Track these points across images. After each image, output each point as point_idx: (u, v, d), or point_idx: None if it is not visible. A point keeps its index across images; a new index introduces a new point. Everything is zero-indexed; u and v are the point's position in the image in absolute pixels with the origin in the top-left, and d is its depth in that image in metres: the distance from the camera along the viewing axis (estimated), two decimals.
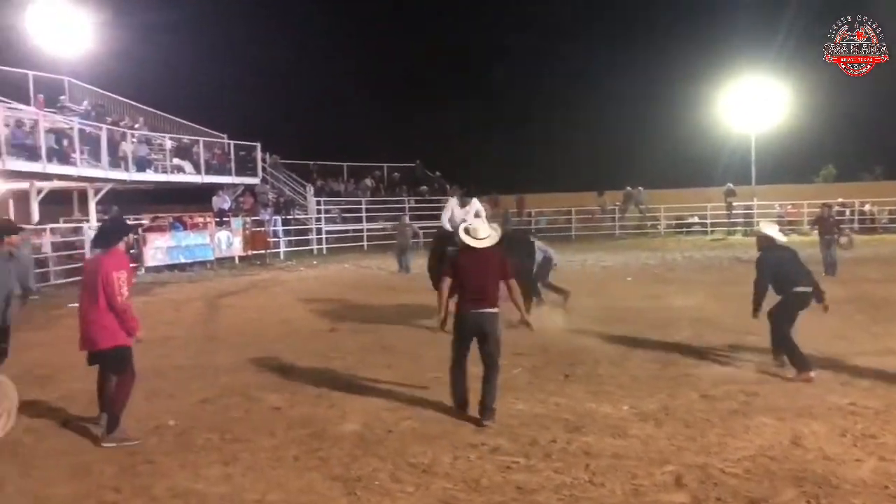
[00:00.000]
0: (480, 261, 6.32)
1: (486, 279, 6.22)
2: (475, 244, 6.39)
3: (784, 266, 7.60)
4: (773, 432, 5.54)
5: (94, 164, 19.43)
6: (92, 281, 5.74)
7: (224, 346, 9.53)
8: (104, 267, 5.72)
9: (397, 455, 5.27)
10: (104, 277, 5.66)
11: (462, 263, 6.36)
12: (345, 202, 28.56)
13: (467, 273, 6.26)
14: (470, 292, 6.18)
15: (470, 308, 6.16)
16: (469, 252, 6.42)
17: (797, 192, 30.87)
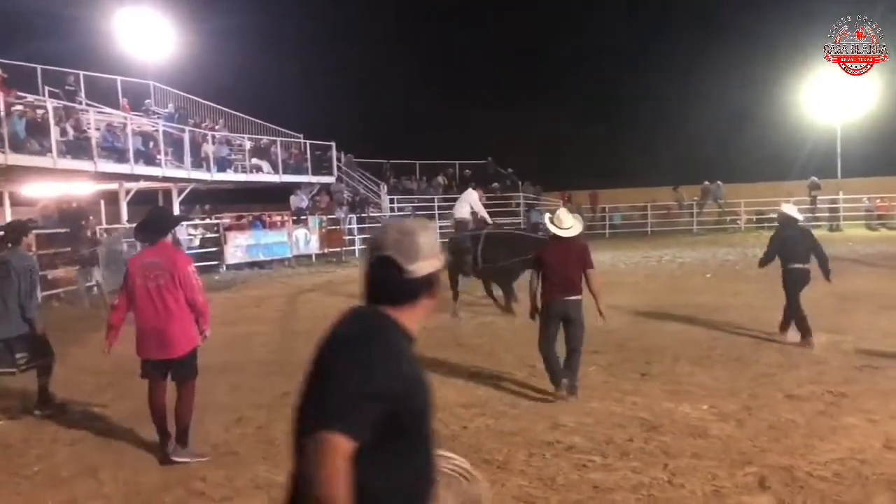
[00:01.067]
0: (565, 251, 6.67)
1: (569, 268, 6.57)
2: (561, 233, 6.72)
3: (788, 244, 8.66)
4: (863, 435, 5.31)
5: (178, 164, 20.24)
6: (161, 280, 5.24)
7: (304, 341, 9.72)
8: (179, 262, 5.34)
9: (472, 451, 5.29)
10: (181, 274, 5.27)
11: (548, 255, 6.71)
12: (418, 200, 28.78)
13: (553, 263, 6.61)
14: (556, 282, 6.56)
15: (556, 296, 6.54)
16: (555, 242, 6.80)
17: (888, 184, 29.34)
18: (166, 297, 5.26)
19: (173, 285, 5.26)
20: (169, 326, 5.28)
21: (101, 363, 8.69)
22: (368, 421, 1.91)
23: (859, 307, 11.00)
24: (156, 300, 5.26)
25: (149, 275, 5.27)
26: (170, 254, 5.45)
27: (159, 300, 5.26)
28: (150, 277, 5.26)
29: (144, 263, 5.36)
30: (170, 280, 5.25)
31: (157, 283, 5.25)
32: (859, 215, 27.74)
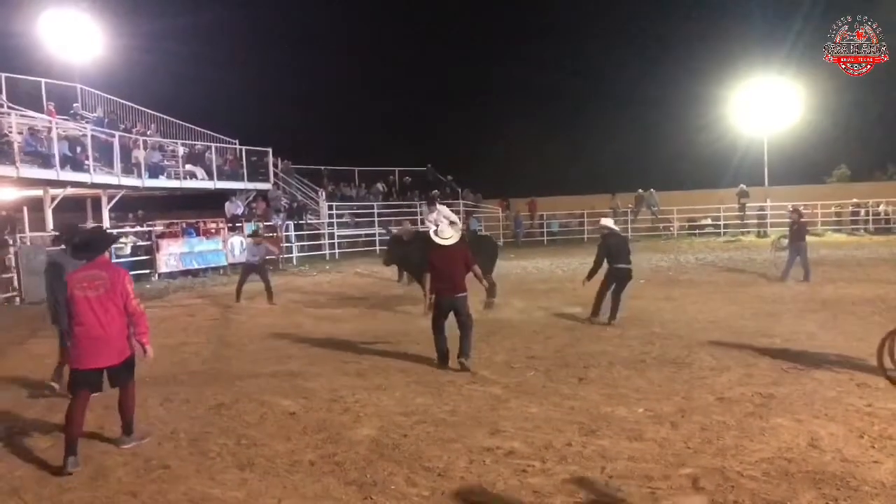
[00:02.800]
0: (448, 256, 8.12)
1: (454, 270, 8.01)
2: (443, 242, 8.22)
3: (612, 248, 10.68)
4: (790, 434, 5.50)
5: (108, 170, 19.61)
6: (101, 290, 5.42)
7: (238, 352, 9.57)
8: (119, 276, 5.55)
9: (413, 459, 5.27)
10: (122, 286, 5.49)
11: (435, 259, 8.13)
12: (357, 207, 28.62)
13: (440, 267, 8.05)
14: (443, 282, 8.00)
15: (445, 294, 8.00)
16: (439, 249, 8.20)
17: (811, 192, 30.66)
18: (107, 309, 5.43)
19: (114, 294, 5.45)
20: (112, 337, 5.47)
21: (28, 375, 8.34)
22: None
23: (786, 310, 11.42)
24: (97, 310, 5.41)
25: (88, 286, 5.42)
26: (108, 266, 5.67)
27: (101, 310, 5.42)
28: (90, 288, 5.42)
29: (84, 275, 5.50)
30: (110, 289, 5.44)
31: (97, 294, 5.42)
32: (785, 222, 28.83)
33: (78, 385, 5.51)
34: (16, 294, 15.55)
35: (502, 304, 12.37)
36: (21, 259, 15.64)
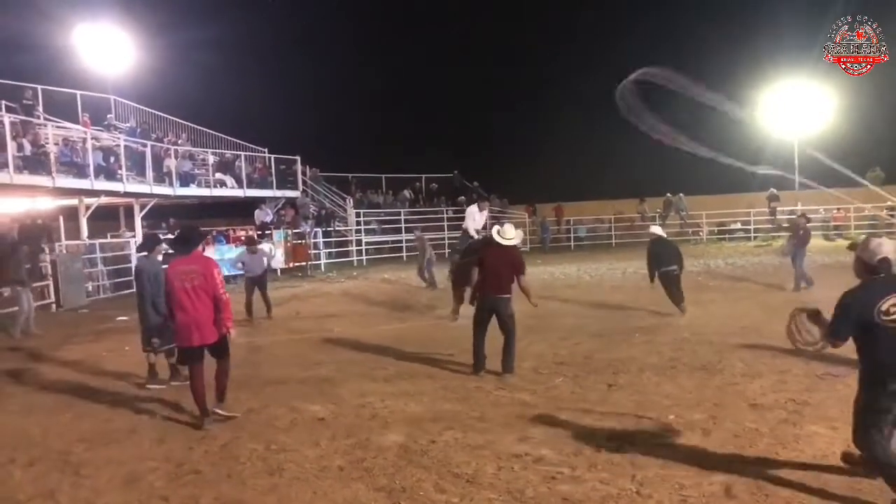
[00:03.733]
0: (502, 257, 7.92)
1: (503, 271, 7.85)
2: (506, 242, 7.96)
3: (661, 254, 11.76)
4: (825, 442, 5.40)
5: (140, 179, 19.94)
6: (197, 281, 6.37)
7: (268, 358, 9.65)
8: (210, 268, 6.50)
9: (441, 465, 5.27)
10: (211, 277, 6.42)
11: (488, 258, 7.93)
12: (384, 213, 28.76)
13: (491, 266, 7.86)
14: (489, 281, 7.84)
15: (489, 293, 7.85)
16: (496, 249, 7.98)
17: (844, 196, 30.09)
18: (200, 296, 6.39)
19: (206, 285, 6.40)
20: (206, 319, 6.43)
21: (59, 383, 8.51)
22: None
23: None
24: (193, 298, 6.37)
25: (186, 278, 6.40)
26: (201, 260, 6.61)
27: (195, 298, 6.38)
28: (187, 280, 6.39)
29: (182, 270, 6.47)
30: (204, 281, 6.39)
31: (192, 284, 6.37)
32: (817, 226, 28.36)
33: (188, 359, 6.73)
34: (52, 301, 15.85)
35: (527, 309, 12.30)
36: (59, 267, 15.96)
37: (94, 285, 17.61)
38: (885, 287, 4.28)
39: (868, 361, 4.36)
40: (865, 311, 4.25)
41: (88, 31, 23.90)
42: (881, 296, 4.24)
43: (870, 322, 4.23)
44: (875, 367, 4.31)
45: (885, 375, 4.23)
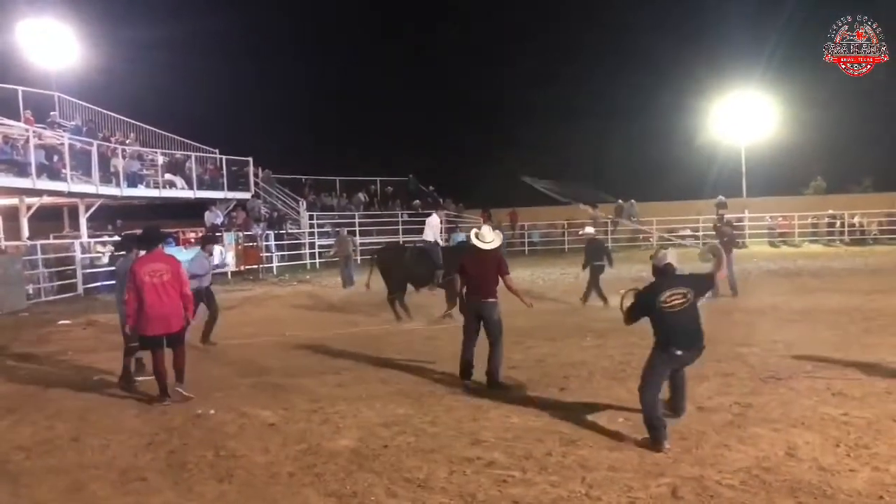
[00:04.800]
0: (482, 261, 7.81)
1: (486, 276, 7.70)
2: (484, 247, 7.85)
3: (593, 250, 13.95)
4: (768, 443, 5.54)
5: (85, 179, 19.40)
6: (163, 277, 7.19)
7: (217, 362, 9.49)
8: (177, 266, 7.38)
9: (393, 470, 5.25)
10: (178, 272, 7.33)
11: (468, 263, 7.85)
12: (338, 216, 28.55)
13: (473, 271, 7.77)
14: (473, 286, 7.74)
15: (473, 299, 7.74)
16: (476, 253, 7.87)
17: (788, 204, 31.06)
18: (167, 289, 7.22)
19: (175, 281, 7.27)
20: (171, 310, 7.27)
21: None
22: None
23: (764, 320, 11.54)
24: (161, 293, 7.19)
25: (154, 275, 7.18)
26: (167, 259, 7.45)
27: (160, 292, 7.19)
28: (156, 276, 7.18)
29: (150, 268, 7.24)
30: (172, 278, 7.25)
31: (161, 280, 7.19)
32: (763, 233, 29.18)
33: (151, 346, 7.35)
34: None
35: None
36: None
37: (34, 288, 17.04)
38: (665, 284, 5.92)
39: (658, 334, 5.85)
40: (652, 301, 5.84)
41: (32, 26, 23.20)
42: (662, 290, 5.84)
43: (655, 308, 5.81)
44: (662, 337, 5.81)
45: (668, 344, 5.77)
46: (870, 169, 34.59)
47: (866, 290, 14.80)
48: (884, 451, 5.31)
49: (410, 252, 13.42)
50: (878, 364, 8.06)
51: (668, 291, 5.81)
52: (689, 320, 5.80)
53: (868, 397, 6.71)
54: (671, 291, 5.81)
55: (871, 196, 31.74)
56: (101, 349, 10.48)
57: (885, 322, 10.86)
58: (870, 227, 28.65)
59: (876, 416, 6.10)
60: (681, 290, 5.82)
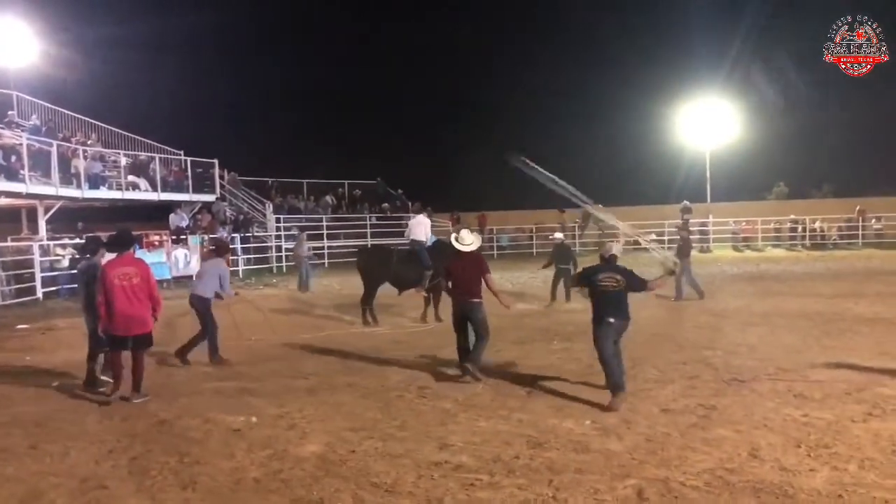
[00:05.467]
0: (465, 263, 8.28)
1: (469, 277, 8.15)
2: (464, 249, 8.35)
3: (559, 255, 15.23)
4: (731, 445, 5.62)
5: (45, 181, 18.94)
6: (133, 280, 7.32)
7: (182, 367, 9.33)
8: (147, 270, 7.54)
9: (360, 475, 5.21)
10: (147, 276, 7.45)
11: (453, 265, 8.33)
12: (305, 219, 28.32)
13: (457, 273, 8.22)
14: (458, 287, 8.17)
15: (459, 299, 8.18)
16: (458, 255, 8.37)
17: (751, 209, 31.61)
18: (134, 292, 7.34)
19: (144, 284, 7.40)
20: (136, 313, 7.38)
21: None
22: None
23: (728, 324, 11.73)
24: (124, 294, 7.30)
25: (123, 277, 7.32)
26: (137, 263, 7.65)
27: (128, 294, 7.31)
28: (125, 279, 7.32)
29: (119, 271, 7.37)
30: (141, 282, 7.38)
31: (130, 283, 7.32)
32: (727, 238, 29.65)
33: (114, 345, 7.55)
34: None
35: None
36: None
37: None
38: (605, 269, 7.25)
39: (594, 307, 7.22)
40: (591, 276, 7.22)
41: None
42: (601, 272, 7.19)
43: (592, 282, 7.17)
44: (596, 310, 7.18)
45: (602, 315, 7.08)
46: (830, 175, 35.45)
47: (827, 294, 15.13)
48: (843, 451, 5.42)
49: (399, 254, 13.22)
50: (838, 366, 8.25)
51: (606, 274, 7.14)
52: (618, 300, 7.10)
53: (828, 399, 6.85)
54: (608, 274, 7.13)
55: (830, 201, 32.47)
56: (61, 354, 10.26)
57: (844, 325, 11.11)
58: (830, 232, 29.27)
59: (836, 417, 6.23)
60: (616, 276, 7.10)
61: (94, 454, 5.84)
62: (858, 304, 13.43)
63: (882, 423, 6.05)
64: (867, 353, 9.00)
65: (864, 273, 19.76)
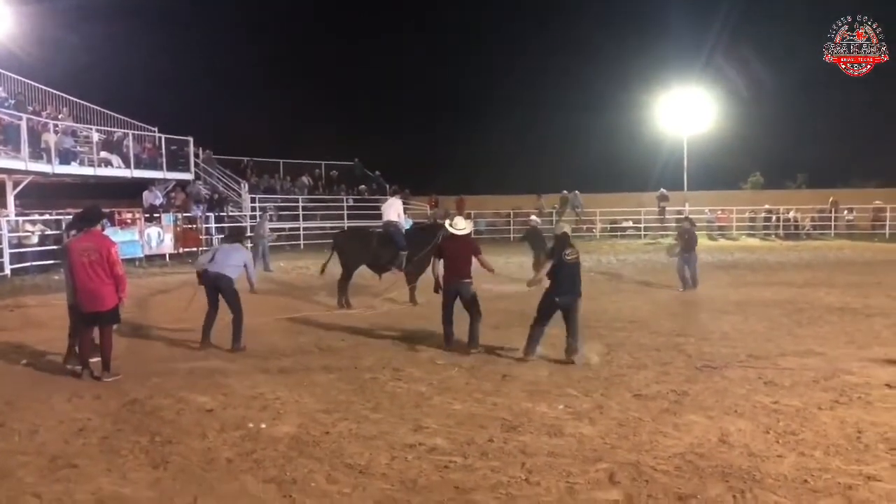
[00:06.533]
0: (458, 245, 8.96)
1: (461, 258, 8.82)
2: (458, 232, 9.04)
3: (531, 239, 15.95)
4: (701, 430, 5.70)
5: (13, 155, 18.53)
6: (94, 257, 7.32)
7: (154, 347, 9.25)
8: (106, 244, 7.46)
9: (334, 456, 5.21)
10: (107, 252, 7.38)
11: (446, 247, 9.01)
12: (281, 200, 28.09)
13: (450, 254, 8.87)
14: (450, 268, 8.80)
15: (451, 280, 8.79)
16: (451, 239, 9.09)
17: (727, 198, 31.94)
18: (96, 269, 7.34)
19: (102, 261, 7.35)
20: (98, 289, 7.38)
21: None
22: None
23: (701, 311, 11.87)
24: (87, 270, 7.33)
25: (84, 255, 7.35)
26: (99, 238, 7.54)
27: (90, 270, 7.33)
28: (85, 256, 7.34)
29: (81, 247, 7.43)
30: (99, 257, 7.34)
31: (90, 259, 7.32)
32: (702, 226, 29.95)
33: (81, 321, 7.67)
34: None
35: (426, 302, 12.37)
36: None
37: None
38: (566, 245, 8.25)
39: (551, 282, 8.19)
40: (559, 253, 8.15)
41: None
42: (564, 248, 8.18)
43: (560, 258, 8.11)
44: (553, 284, 8.17)
45: (556, 292, 8.12)
46: (804, 166, 35.90)
47: (798, 283, 15.36)
48: (810, 437, 5.52)
49: (378, 237, 13.18)
50: (807, 354, 8.39)
51: (568, 250, 8.19)
52: (577, 270, 8.27)
53: (797, 386, 6.96)
54: (570, 250, 8.21)
55: (804, 192, 32.92)
56: (30, 332, 10.10)
57: (814, 314, 11.29)
58: (803, 222, 29.68)
59: (804, 404, 6.34)
60: (575, 250, 8.29)
61: (64, 433, 5.77)
62: (829, 293, 13.65)
63: (848, 411, 6.17)
64: (836, 341, 9.16)
65: (836, 263, 20.09)
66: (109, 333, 7.61)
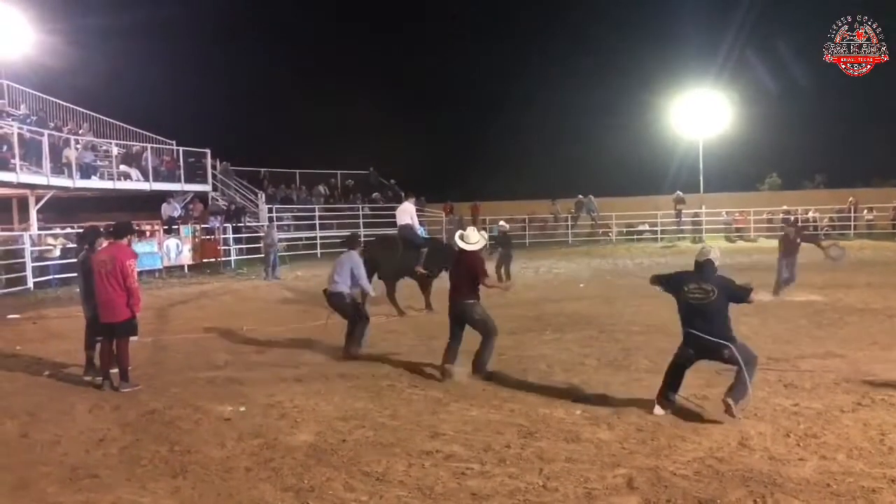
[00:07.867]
0: (461, 261, 7.83)
1: (462, 276, 7.68)
2: (467, 247, 7.85)
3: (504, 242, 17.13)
4: (721, 434, 5.64)
5: (36, 170, 18.84)
6: (109, 268, 7.43)
7: (173, 357, 9.32)
8: (120, 257, 7.52)
9: (351, 464, 5.22)
10: (121, 265, 7.45)
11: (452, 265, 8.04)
12: (297, 209, 28.25)
13: (454, 271, 7.87)
14: (452, 286, 7.78)
15: (451, 299, 7.76)
16: (458, 254, 7.97)
17: (744, 199, 31.72)
18: (111, 281, 7.46)
19: (116, 273, 7.45)
20: (112, 300, 7.49)
21: None
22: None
23: None
24: (103, 282, 7.47)
25: (101, 266, 7.52)
26: (117, 252, 7.63)
27: (108, 282, 7.46)
28: (102, 267, 7.50)
29: (100, 259, 7.62)
30: (114, 269, 7.45)
31: (106, 270, 7.46)
32: (720, 228, 29.75)
33: (100, 332, 7.75)
34: None
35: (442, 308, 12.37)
36: None
37: None
38: (695, 276, 6.39)
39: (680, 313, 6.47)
40: (679, 284, 6.43)
41: None
42: (690, 280, 6.37)
43: (679, 292, 6.38)
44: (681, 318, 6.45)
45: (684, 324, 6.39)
46: (822, 166, 35.57)
47: (818, 284, 15.17)
48: (832, 440, 5.45)
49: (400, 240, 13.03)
50: (828, 356, 8.29)
51: (693, 284, 6.32)
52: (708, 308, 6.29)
53: (818, 389, 6.89)
54: (697, 285, 6.30)
55: (823, 192, 32.62)
56: (52, 344, 10.23)
57: (834, 316, 11.16)
58: (822, 222, 29.37)
59: (825, 407, 6.26)
60: (706, 287, 6.27)
61: (85, 443, 5.83)
62: (849, 294, 13.49)
63: (871, 413, 6.09)
64: (857, 343, 9.05)
65: (856, 263, 19.83)
66: (125, 345, 7.64)
